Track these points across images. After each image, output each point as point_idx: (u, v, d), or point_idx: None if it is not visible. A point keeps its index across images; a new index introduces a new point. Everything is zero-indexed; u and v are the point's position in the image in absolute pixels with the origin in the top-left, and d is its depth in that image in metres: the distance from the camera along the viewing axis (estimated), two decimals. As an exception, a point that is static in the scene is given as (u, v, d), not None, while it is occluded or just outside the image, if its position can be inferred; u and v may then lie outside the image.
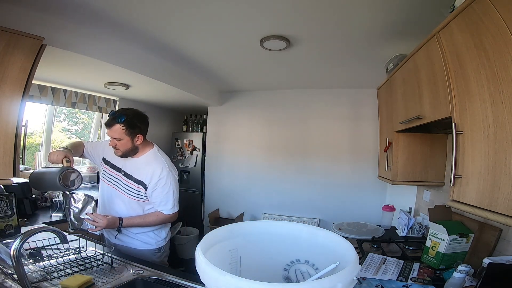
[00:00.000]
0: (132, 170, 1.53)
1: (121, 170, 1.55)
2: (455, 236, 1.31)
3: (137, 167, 1.54)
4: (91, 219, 1.39)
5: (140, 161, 1.56)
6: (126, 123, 1.45)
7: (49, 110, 2.76)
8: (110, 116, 1.48)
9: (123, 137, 1.46)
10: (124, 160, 1.55)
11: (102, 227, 1.40)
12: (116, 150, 1.51)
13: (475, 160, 0.95)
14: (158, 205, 1.53)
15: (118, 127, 1.45)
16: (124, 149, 1.49)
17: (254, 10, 1.60)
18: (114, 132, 1.45)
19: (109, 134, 1.48)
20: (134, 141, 1.51)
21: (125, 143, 1.48)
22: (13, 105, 1.42)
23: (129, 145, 1.49)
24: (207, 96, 3.43)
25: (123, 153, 1.51)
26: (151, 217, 1.53)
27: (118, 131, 1.45)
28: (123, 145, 1.48)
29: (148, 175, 1.50)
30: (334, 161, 3.33)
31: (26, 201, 2.15)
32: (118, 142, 1.47)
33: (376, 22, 1.67)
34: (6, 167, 1.39)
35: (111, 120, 1.46)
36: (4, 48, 1.38)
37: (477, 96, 0.94)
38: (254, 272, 0.80)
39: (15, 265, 0.80)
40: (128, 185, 1.53)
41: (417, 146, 1.83)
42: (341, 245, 0.74)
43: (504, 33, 0.82)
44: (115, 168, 1.57)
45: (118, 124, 1.44)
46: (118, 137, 1.46)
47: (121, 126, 1.45)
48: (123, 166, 1.56)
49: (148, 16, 1.71)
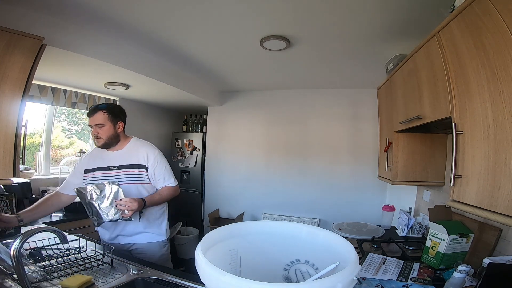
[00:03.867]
0: (123, 160, 1.57)
1: (108, 168, 1.57)
2: (455, 236, 1.31)
3: (126, 156, 1.59)
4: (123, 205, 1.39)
5: (127, 149, 1.62)
6: (108, 110, 1.55)
7: (49, 110, 2.76)
8: (92, 107, 1.56)
9: (106, 123, 1.53)
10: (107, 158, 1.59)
11: (135, 210, 1.41)
12: (97, 139, 1.54)
13: (475, 160, 0.95)
14: (163, 181, 1.61)
15: (100, 113, 1.53)
16: (106, 136, 1.54)
17: (254, 10, 1.60)
18: (97, 119, 1.52)
19: (91, 122, 1.53)
20: (116, 128, 1.58)
21: (108, 129, 1.54)
22: (13, 105, 1.42)
23: (111, 131, 1.55)
24: (207, 96, 3.44)
25: (106, 141, 1.54)
26: (164, 191, 1.61)
27: (101, 116, 1.52)
28: (106, 132, 1.53)
29: (144, 157, 1.58)
30: (334, 161, 3.33)
31: (26, 201, 2.15)
32: (100, 129, 1.52)
33: (376, 22, 1.67)
34: (6, 167, 1.39)
35: (94, 108, 1.54)
36: (4, 48, 1.38)
37: (477, 96, 0.94)
38: (254, 272, 0.80)
39: (15, 265, 0.80)
40: (125, 173, 1.56)
41: (417, 146, 1.83)
42: (341, 245, 0.74)
43: (504, 33, 0.82)
44: (101, 169, 1.58)
45: (101, 110, 1.53)
46: (102, 123, 1.52)
47: (104, 112, 1.53)
48: (109, 163, 1.58)
49: (148, 16, 1.71)
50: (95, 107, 1.54)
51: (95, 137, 1.54)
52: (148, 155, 1.59)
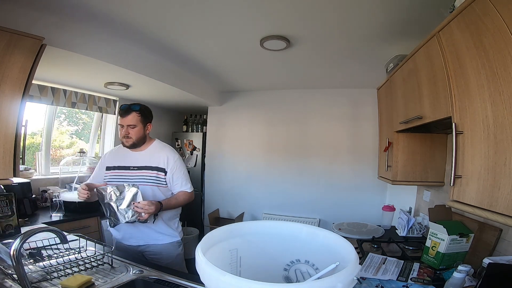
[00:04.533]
0: (144, 162, 1.61)
1: (129, 167, 1.61)
2: (455, 236, 1.31)
3: (148, 158, 1.62)
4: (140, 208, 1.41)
5: (149, 151, 1.65)
6: (141, 111, 1.59)
7: (49, 110, 2.76)
8: (124, 106, 1.58)
9: (138, 124, 1.57)
10: (129, 158, 1.63)
11: (151, 213, 1.43)
12: (127, 139, 1.57)
13: (475, 160, 0.95)
14: (180, 186, 1.64)
15: (134, 114, 1.56)
16: (136, 137, 1.58)
17: (254, 10, 1.60)
18: (130, 119, 1.55)
19: (124, 122, 1.56)
20: (145, 129, 1.62)
21: (139, 130, 1.58)
22: (13, 105, 1.42)
23: (141, 133, 1.60)
24: (207, 96, 3.43)
25: (135, 141, 1.59)
26: (181, 196, 1.63)
27: (134, 118, 1.56)
28: (137, 133, 1.58)
29: (164, 161, 1.60)
30: (334, 161, 3.33)
31: (26, 201, 2.15)
32: (132, 130, 1.56)
33: (376, 22, 1.67)
34: (6, 167, 1.39)
35: (127, 108, 1.56)
36: (4, 48, 1.38)
37: (477, 96, 0.94)
38: (254, 272, 0.80)
39: (15, 265, 0.80)
40: (143, 175, 1.58)
41: (417, 146, 1.83)
42: (341, 245, 0.74)
43: (504, 33, 0.82)
44: (121, 168, 1.62)
45: (134, 111, 1.56)
46: (134, 124, 1.56)
47: (137, 113, 1.57)
48: (130, 162, 1.62)
49: (148, 16, 1.71)
50: (128, 108, 1.57)
51: (125, 137, 1.57)
52: (169, 159, 1.61)
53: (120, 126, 1.58)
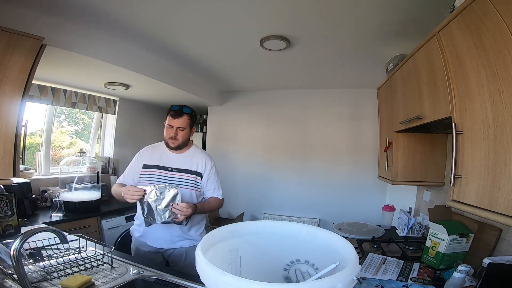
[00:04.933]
0: (183, 164, 1.62)
1: (167, 168, 1.60)
2: (455, 236, 1.31)
3: (186, 161, 1.63)
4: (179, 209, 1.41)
5: (188, 155, 1.66)
6: (191, 115, 1.62)
7: (49, 110, 2.76)
8: (176, 108, 1.58)
9: (187, 127, 1.60)
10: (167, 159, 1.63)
11: (188, 215, 1.44)
12: (174, 141, 1.58)
13: (475, 160, 0.95)
14: (213, 191, 1.66)
15: (185, 117, 1.58)
16: (183, 139, 1.60)
17: (254, 10, 1.60)
18: (182, 122, 1.57)
19: (175, 124, 1.57)
20: (191, 132, 1.65)
21: (186, 133, 1.61)
22: (13, 105, 1.42)
23: (187, 136, 1.62)
24: (207, 96, 3.43)
25: (180, 144, 1.60)
26: (212, 201, 1.66)
27: (186, 121, 1.58)
28: (184, 135, 1.60)
29: (202, 165, 1.63)
30: (334, 161, 3.33)
31: (26, 201, 2.15)
32: (180, 132, 1.58)
33: (376, 22, 1.67)
34: (6, 167, 1.39)
35: (180, 112, 1.57)
36: (4, 48, 1.38)
37: (477, 96, 0.94)
38: (254, 272, 0.80)
39: (15, 265, 0.80)
40: (182, 177, 1.59)
41: (417, 146, 1.83)
42: (341, 245, 0.74)
43: (504, 33, 0.82)
44: (162, 168, 1.61)
45: (186, 114, 1.59)
46: (184, 127, 1.58)
47: (187, 116, 1.59)
48: (169, 163, 1.61)
49: (148, 16, 1.71)
50: (181, 111, 1.57)
51: (172, 138, 1.58)
52: (206, 164, 1.64)
53: (168, 127, 1.58)
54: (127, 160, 3.47)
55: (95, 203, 2.48)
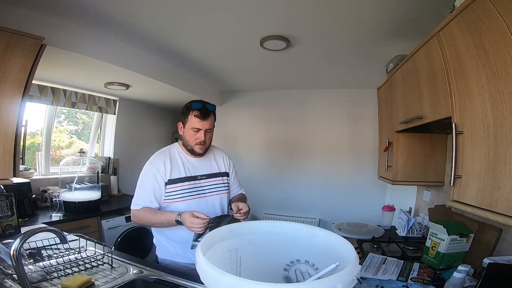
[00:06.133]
0: (209, 168, 1.42)
1: (196, 177, 1.38)
2: (455, 236, 1.31)
3: (212, 163, 1.46)
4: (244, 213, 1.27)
5: (209, 156, 1.47)
6: (215, 112, 1.38)
7: (49, 110, 2.76)
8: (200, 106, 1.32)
9: (213, 128, 1.38)
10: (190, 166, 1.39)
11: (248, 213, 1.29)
12: (202, 146, 1.35)
13: (475, 160, 0.95)
14: (239, 188, 1.53)
15: (212, 116, 1.35)
16: (209, 142, 1.38)
17: (254, 10, 1.60)
18: (210, 123, 1.33)
19: (203, 126, 1.32)
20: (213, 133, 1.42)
21: (212, 135, 1.39)
22: (13, 105, 1.42)
23: (212, 137, 1.40)
24: (207, 96, 3.43)
25: (207, 148, 1.39)
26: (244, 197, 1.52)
27: (212, 121, 1.35)
28: (210, 137, 1.39)
29: (226, 163, 1.48)
30: (334, 161, 3.33)
31: (26, 201, 2.15)
32: (208, 134, 1.35)
33: (376, 22, 1.67)
34: (6, 167, 1.39)
35: (206, 110, 1.31)
36: (4, 48, 1.38)
37: (477, 96, 0.94)
38: (254, 272, 0.80)
39: (15, 265, 0.80)
40: (214, 183, 1.41)
41: (417, 146, 1.83)
42: (341, 245, 0.74)
43: (504, 33, 0.82)
44: (190, 178, 1.37)
45: (212, 113, 1.35)
46: (211, 128, 1.36)
47: (213, 115, 1.36)
48: (195, 171, 1.40)
49: (148, 16, 1.71)
50: (206, 109, 1.32)
51: (201, 143, 1.34)
52: (228, 160, 1.48)
53: (194, 131, 1.32)
54: (127, 160, 3.51)
55: (95, 203, 2.48)
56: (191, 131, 1.32)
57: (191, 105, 1.32)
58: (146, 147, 3.91)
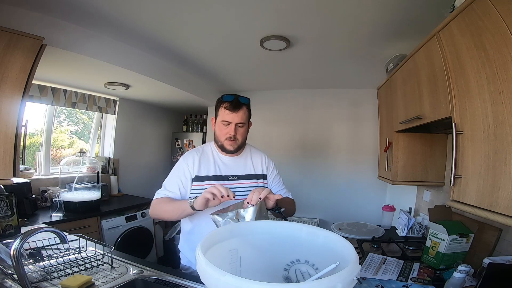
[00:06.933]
0: (244, 169, 1.31)
1: (228, 177, 1.29)
2: (455, 236, 1.31)
3: (247, 164, 1.34)
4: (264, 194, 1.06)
5: (245, 156, 1.37)
6: (249, 106, 1.27)
7: (49, 110, 2.76)
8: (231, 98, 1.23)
9: (246, 122, 1.26)
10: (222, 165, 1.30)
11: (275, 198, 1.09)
12: (232, 141, 1.25)
13: (475, 160, 0.95)
14: (286, 193, 1.39)
15: (244, 109, 1.24)
16: (242, 138, 1.27)
17: (254, 10, 1.60)
18: (241, 116, 1.22)
19: (233, 119, 1.22)
20: (248, 129, 1.32)
21: (245, 130, 1.28)
22: (13, 105, 1.42)
23: (245, 134, 1.29)
24: (207, 96, 3.43)
25: (239, 145, 1.28)
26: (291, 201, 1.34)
27: (245, 114, 1.24)
28: (243, 133, 1.28)
29: (263, 166, 1.37)
30: (334, 161, 3.33)
31: (26, 201, 2.15)
32: (239, 129, 1.25)
33: (376, 22, 1.67)
34: (6, 167, 1.39)
35: (237, 102, 1.22)
36: (4, 48, 1.38)
37: (477, 96, 0.94)
38: (254, 272, 0.80)
39: (15, 265, 0.80)
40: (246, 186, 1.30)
41: (417, 146, 1.83)
42: (341, 245, 0.74)
43: (504, 33, 0.82)
44: (220, 178, 1.28)
45: (245, 106, 1.24)
46: (243, 122, 1.25)
47: (246, 108, 1.25)
48: (227, 171, 1.30)
49: (148, 16, 1.71)
50: (238, 101, 1.22)
51: (231, 138, 1.24)
52: (267, 161, 1.38)
53: (224, 124, 1.24)
54: (127, 160, 3.51)
55: (95, 203, 2.48)
56: (221, 124, 1.25)
57: (222, 97, 1.25)
58: (146, 147, 3.91)
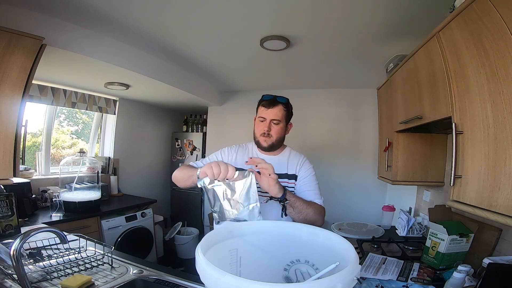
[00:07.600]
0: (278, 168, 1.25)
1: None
2: (455, 236, 1.31)
3: (283, 164, 1.34)
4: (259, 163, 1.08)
5: (283, 157, 1.38)
6: (287, 105, 1.33)
7: (49, 110, 2.76)
8: (268, 96, 1.32)
9: (282, 120, 1.30)
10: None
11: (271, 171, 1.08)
12: (266, 138, 1.29)
13: (475, 160, 0.95)
14: (314, 196, 1.33)
15: (281, 107, 1.29)
16: (277, 136, 1.30)
17: (254, 10, 1.60)
18: (276, 112, 1.28)
19: (268, 116, 1.29)
20: (286, 129, 1.36)
21: (281, 128, 1.31)
22: (13, 105, 1.42)
23: (282, 133, 1.33)
24: (207, 96, 3.44)
25: (274, 142, 1.31)
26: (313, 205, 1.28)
27: (281, 112, 1.29)
28: (279, 131, 1.30)
29: (296, 166, 1.34)
30: (334, 161, 3.33)
31: (26, 201, 2.15)
32: (275, 126, 1.29)
33: (376, 22, 1.67)
34: (6, 167, 1.39)
35: (273, 100, 1.29)
36: (4, 48, 1.38)
37: (477, 96, 0.94)
38: (254, 272, 0.80)
39: (15, 265, 0.80)
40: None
41: (417, 146, 1.83)
42: (341, 245, 0.74)
43: (504, 33, 0.82)
44: None
45: (281, 104, 1.30)
46: (279, 119, 1.29)
47: (284, 107, 1.30)
48: None
49: (148, 16, 1.71)
50: (275, 99, 1.30)
51: (265, 134, 1.29)
52: (303, 162, 1.35)
53: (260, 120, 1.31)
54: (127, 160, 3.51)
55: (95, 203, 2.48)
56: (258, 121, 1.33)
57: (262, 97, 1.35)
58: (146, 147, 3.92)
